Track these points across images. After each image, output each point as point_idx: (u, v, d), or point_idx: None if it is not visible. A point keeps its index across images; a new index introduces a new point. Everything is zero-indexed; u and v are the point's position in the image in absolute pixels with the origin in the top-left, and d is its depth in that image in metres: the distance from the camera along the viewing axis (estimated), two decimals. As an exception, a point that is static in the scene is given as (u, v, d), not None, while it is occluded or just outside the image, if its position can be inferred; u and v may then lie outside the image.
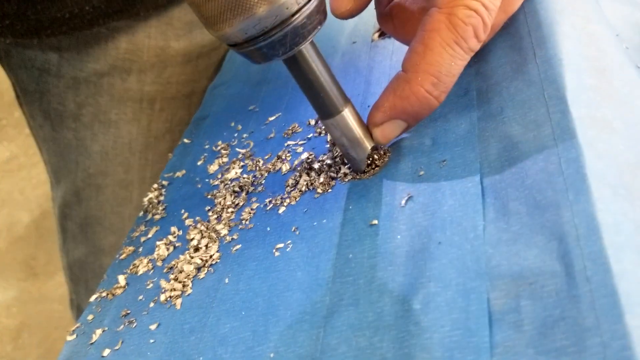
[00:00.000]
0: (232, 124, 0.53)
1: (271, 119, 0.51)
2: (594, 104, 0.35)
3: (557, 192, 0.29)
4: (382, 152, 0.39)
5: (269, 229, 0.39)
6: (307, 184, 0.41)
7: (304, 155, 0.43)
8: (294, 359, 0.30)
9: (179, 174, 0.51)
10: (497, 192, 0.32)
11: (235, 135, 0.52)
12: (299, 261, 0.35)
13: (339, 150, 0.41)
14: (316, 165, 0.41)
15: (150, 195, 0.50)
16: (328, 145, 0.43)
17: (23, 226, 1.79)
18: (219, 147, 0.51)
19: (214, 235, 0.41)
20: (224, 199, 0.44)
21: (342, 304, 0.31)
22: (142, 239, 0.46)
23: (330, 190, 0.39)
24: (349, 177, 0.39)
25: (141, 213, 0.49)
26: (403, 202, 0.35)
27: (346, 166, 0.40)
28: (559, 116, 0.33)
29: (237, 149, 0.49)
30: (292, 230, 0.38)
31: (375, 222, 0.34)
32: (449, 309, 0.28)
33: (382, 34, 0.54)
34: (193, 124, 0.58)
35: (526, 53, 0.40)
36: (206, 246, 0.41)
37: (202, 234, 0.42)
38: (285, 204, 0.40)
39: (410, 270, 0.30)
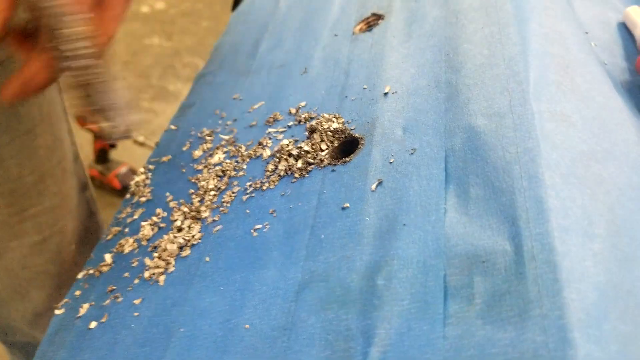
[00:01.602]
0: (217, 112, 0.55)
1: (255, 107, 0.53)
2: (555, 99, 0.37)
3: (513, 178, 0.32)
4: None
5: (248, 211, 0.41)
6: (285, 169, 0.43)
7: (284, 142, 0.45)
8: (268, 329, 0.32)
9: (164, 159, 0.53)
10: (460, 179, 0.34)
11: (220, 122, 0.54)
12: (275, 241, 0.38)
13: (317, 138, 0.43)
14: (295, 152, 0.43)
15: (137, 178, 0.52)
16: (306, 133, 0.45)
17: None
18: (204, 134, 0.53)
19: (196, 216, 0.44)
20: (207, 182, 0.46)
21: (313, 280, 0.34)
22: (128, 220, 0.48)
23: (307, 175, 0.41)
24: (325, 162, 0.41)
25: (128, 196, 0.51)
26: (373, 187, 0.37)
27: (323, 153, 0.42)
28: (520, 109, 0.36)
29: (220, 136, 0.51)
30: (270, 212, 0.40)
31: (347, 205, 0.37)
32: (409, 285, 0.30)
33: (364, 27, 0.56)
34: (179, 111, 0.60)
35: (495, 48, 0.42)
36: (189, 227, 0.43)
37: (185, 216, 0.44)
38: (264, 187, 0.43)
39: (376, 249, 0.33)
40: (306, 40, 0.58)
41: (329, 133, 0.43)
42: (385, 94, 0.44)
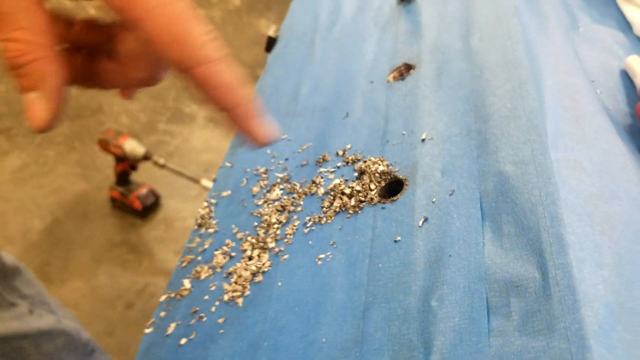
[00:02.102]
0: (268, 151, 0.63)
1: (303, 147, 0.61)
2: (569, 148, 0.45)
3: (538, 218, 0.40)
4: None
5: (310, 242, 0.49)
6: (340, 206, 0.50)
7: (336, 181, 0.53)
8: (342, 342, 0.40)
9: (224, 194, 0.61)
10: (493, 217, 0.42)
11: (272, 160, 0.62)
12: (338, 269, 0.45)
13: (366, 179, 0.51)
14: (347, 191, 0.51)
15: (202, 212, 0.60)
16: (356, 174, 0.53)
17: (36, 233, 1.87)
18: (259, 171, 0.61)
19: (263, 246, 0.51)
20: (269, 216, 0.54)
21: (376, 301, 0.41)
22: (200, 249, 0.56)
23: (360, 212, 0.49)
24: (375, 200, 0.49)
25: (195, 227, 0.59)
26: (420, 223, 0.45)
27: (373, 192, 0.50)
28: (541, 158, 0.44)
29: (275, 174, 0.59)
30: (331, 244, 0.48)
31: (399, 238, 0.44)
32: (458, 305, 0.38)
33: (397, 76, 0.64)
34: (231, 149, 0.68)
35: (516, 102, 0.50)
36: (258, 256, 0.51)
37: (253, 246, 0.52)
38: (322, 222, 0.50)
39: (428, 276, 0.40)
40: (344, 85, 0.66)
41: (377, 175, 0.51)
42: (423, 140, 0.52)
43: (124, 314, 1.65)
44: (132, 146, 1.72)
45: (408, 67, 0.63)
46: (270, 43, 0.91)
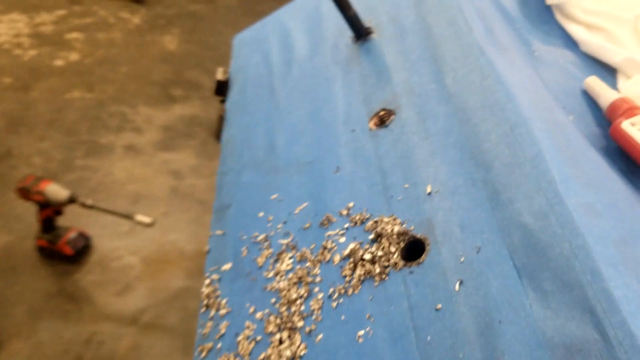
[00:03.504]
0: (261, 214, 0.61)
1: (300, 208, 0.60)
2: (579, 193, 0.47)
3: (577, 273, 0.41)
4: None
5: (343, 317, 0.48)
6: (364, 273, 0.50)
7: (351, 246, 0.52)
8: None
9: (225, 267, 0.58)
10: (530, 275, 0.43)
11: (269, 225, 0.60)
12: (383, 346, 0.45)
13: (385, 242, 0.51)
14: (367, 256, 0.51)
15: (206, 290, 0.57)
16: (371, 237, 0.52)
17: None
18: (258, 238, 0.59)
19: (291, 326, 0.50)
20: (288, 291, 0.52)
21: (436, 378, 0.41)
22: (216, 335, 0.53)
23: (387, 278, 0.49)
24: (400, 264, 0.49)
25: (203, 309, 0.56)
26: (457, 287, 0.45)
27: (395, 256, 0.50)
28: (559, 208, 0.45)
29: (278, 240, 0.58)
30: (367, 317, 0.47)
31: (439, 306, 0.45)
32: (524, 374, 0.39)
33: (378, 122, 0.64)
34: (217, 214, 0.65)
35: (514, 148, 0.52)
36: (289, 337, 0.49)
37: (279, 327, 0.50)
38: (349, 293, 0.50)
39: (484, 346, 0.41)
40: (323, 135, 0.66)
41: (394, 237, 0.51)
42: (429, 193, 0.53)
43: (75, 370, 1.56)
44: (55, 191, 1.62)
45: (388, 113, 0.64)
46: (221, 87, 0.89)
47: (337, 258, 0.53)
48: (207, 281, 0.58)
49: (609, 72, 0.67)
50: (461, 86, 0.60)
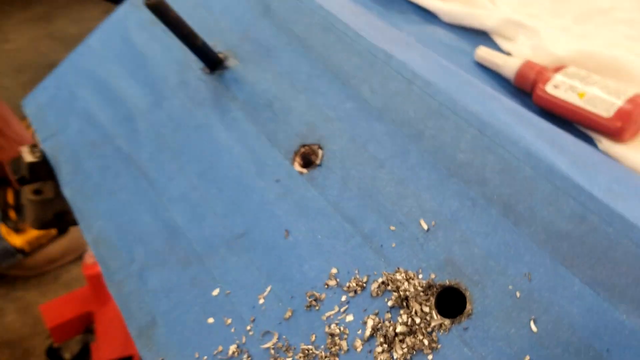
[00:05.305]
0: (211, 320, 0.46)
1: (263, 295, 0.46)
2: (600, 180, 0.43)
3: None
4: None
5: (412, 415, 0.38)
6: (407, 351, 0.40)
7: (370, 323, 0.42)
8: None
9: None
10: (604, 285, 0.38)
11: (233, 330, 0.45)
12: None
13: (415, 305, 0.41)
14: (401, 328, 0.41)
15: None
16: (392, 303, 0.42)
17: None
18: (229, 353, 0.44)
19: None
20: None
21: None
22: None
23: (438, 346, 0.40)
24: (447, 324, 0.40)
25: None
26: (533, 327, 0.38)
27: (435, 317, 0.41)
28: (591, 204, 0.41)
29: (260, 347, 0.44)
30: (446, 404, 0.38)
31: (528, 358, 0.37)
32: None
33: (301, 162, 0.53)
34: (140, 340, 0.47)
35: (497, 151, 0.46)
36: None
37: None
38: (401, 381, 0.39)
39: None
40: (236, 196, 0.52)
41: (421, 294, 0.42)
42: (428, 229, 0.45)
43: None
44: None
45: (311, 149, 0.53)
46: (36, 171, 0.68)
47: (358, 344, 0.42)
48: None
49: (479, 37, 0.67)
50: (385, 98, 0.53)
